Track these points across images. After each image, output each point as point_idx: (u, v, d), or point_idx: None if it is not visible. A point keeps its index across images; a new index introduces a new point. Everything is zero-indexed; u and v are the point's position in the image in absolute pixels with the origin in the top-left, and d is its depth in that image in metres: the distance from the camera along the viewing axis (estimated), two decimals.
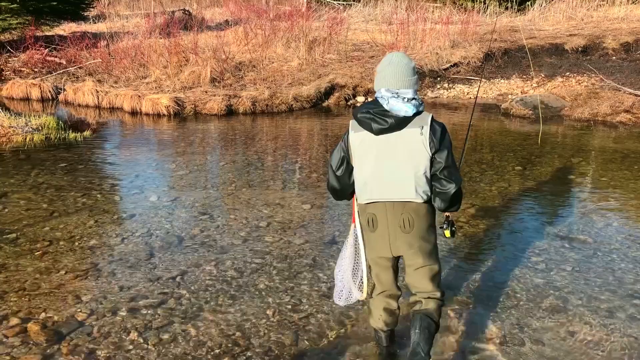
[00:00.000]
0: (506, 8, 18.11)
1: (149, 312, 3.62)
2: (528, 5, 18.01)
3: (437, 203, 2.83)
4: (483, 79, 12.27)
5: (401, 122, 2.74)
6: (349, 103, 11.40)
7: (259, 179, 6.40)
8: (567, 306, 3.72)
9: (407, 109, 2.73)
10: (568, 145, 8.10)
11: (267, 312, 3.63)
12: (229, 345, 3.29)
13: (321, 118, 10.27)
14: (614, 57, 12.48)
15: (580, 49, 12.90)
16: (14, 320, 3.51)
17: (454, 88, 12.09)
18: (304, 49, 12.96)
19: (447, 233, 3.04)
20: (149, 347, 3.26)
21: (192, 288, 3.92)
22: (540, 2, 17.28)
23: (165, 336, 3.36)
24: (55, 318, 3.54)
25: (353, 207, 3.03)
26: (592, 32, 13.80)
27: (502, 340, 3.34)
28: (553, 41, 13.37)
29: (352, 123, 2.87)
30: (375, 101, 2.82)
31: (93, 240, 4.70)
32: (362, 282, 3.00)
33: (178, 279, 4.05)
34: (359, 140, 2.82)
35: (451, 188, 2.75)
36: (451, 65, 12.66)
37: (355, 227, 3.02)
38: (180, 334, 3.39)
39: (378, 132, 2.76)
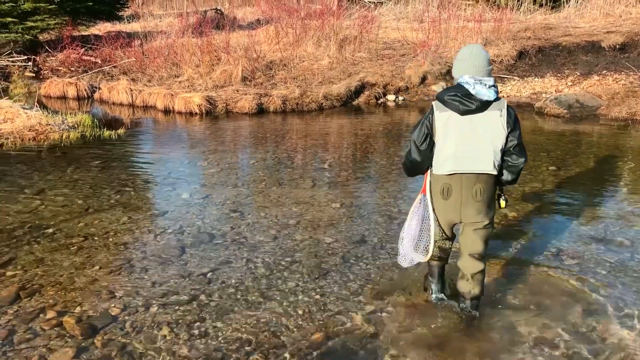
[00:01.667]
0: (540, 5, 17.75)
1: (180, 307, 3.67)
2: (563, 1, 17.62)
3: (505, 175, 3.29)
4: (516, 77, 12.06)
5: (484, 105, 3.18)
6: (379, 102, 11.35)
7: (289, 177, 6.43)
8: (603, 310, 3.63)
9: (489, 94, 3.17)
10: (604, 145, 7.90)
11: (298, 310, 3.64)
12: (260, 342, 3.31)
13: (351, 117, 10.25)
14: None
15: (618, 46, 12.56)
16: (51, 314, 3.60)
17: None
18: (334, 47, 12.96)
19: (503, 204, 3.47)
20: (180, 342, 3.31)
21: (223, 285, 3.96)
22: None
23: (196, 332, 3.41)
24: (90, 312, 3.62)
25: (425, 179, 3.45)
26: (631, 28, 13.41)
27: (534, 344, 3.28)
28: (589, 38, 13.06)
29: (437, 104, 3.27)
30: (459, 86, 3.23)
31: (126, 237, 4.79)
32: (428, 245, 3.44)
33: (209, 275, 4.10)
34: (445, 119, 3.22)
35: (521, 162, 3.24)
36: None
37: (425, 196, 3.43)
38: (211, 330, 3.43)
39: (464, 113, 3.18)
